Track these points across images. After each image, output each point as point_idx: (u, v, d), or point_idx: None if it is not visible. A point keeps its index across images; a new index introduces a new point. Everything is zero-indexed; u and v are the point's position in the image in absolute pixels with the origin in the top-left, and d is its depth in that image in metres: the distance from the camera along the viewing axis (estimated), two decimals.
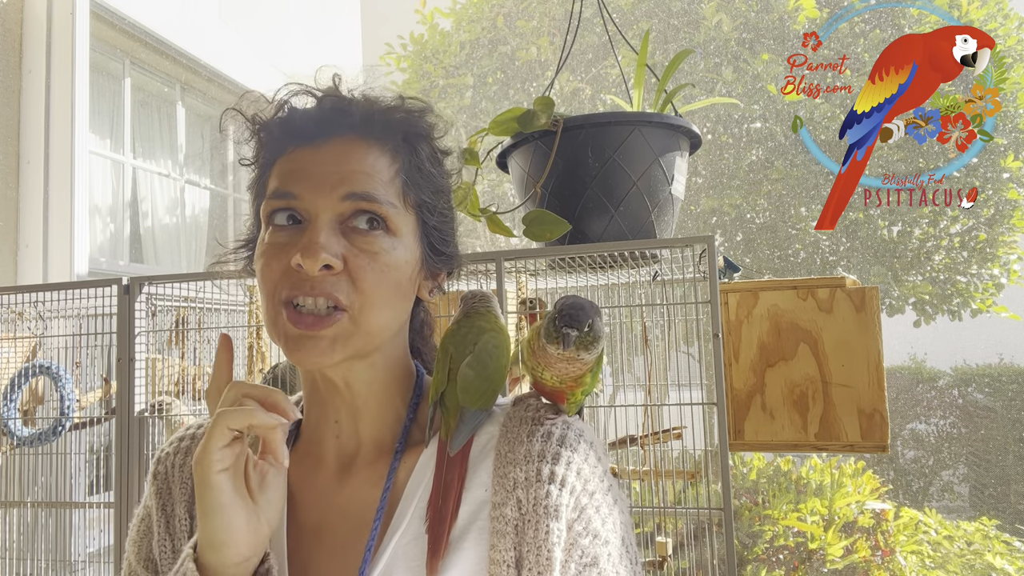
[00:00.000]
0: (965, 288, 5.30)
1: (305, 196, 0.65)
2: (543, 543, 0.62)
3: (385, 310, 0.67)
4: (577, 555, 0.63)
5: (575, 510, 0.64)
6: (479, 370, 0.70)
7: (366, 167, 0.66)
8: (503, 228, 1.52)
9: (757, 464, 4.32)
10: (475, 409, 0.69)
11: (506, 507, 0.64)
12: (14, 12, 3.21)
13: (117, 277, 1.86)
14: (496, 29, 6.14)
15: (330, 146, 0.67)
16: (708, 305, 1.48)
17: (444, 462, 0.67)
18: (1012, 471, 6.93)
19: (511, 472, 0.65)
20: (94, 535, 2.12)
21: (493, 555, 0.62)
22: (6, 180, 3.13)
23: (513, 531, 0.63)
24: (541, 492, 0.63)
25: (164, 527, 0.73)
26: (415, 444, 0.71)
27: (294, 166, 0.67)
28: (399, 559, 0.64)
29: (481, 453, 0.69)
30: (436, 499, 0.65)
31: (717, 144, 5.65)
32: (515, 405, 0.72)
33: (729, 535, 1.44)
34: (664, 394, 1.71)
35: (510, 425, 0.69)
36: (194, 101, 4.69)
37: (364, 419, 0.72)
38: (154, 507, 0.74)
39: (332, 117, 0.68)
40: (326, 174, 0.65)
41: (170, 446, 0.78)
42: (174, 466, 0.76)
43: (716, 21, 5.37)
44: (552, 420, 0.69)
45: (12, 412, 1.93)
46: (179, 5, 4.27)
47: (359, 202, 0.65)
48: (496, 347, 0.73)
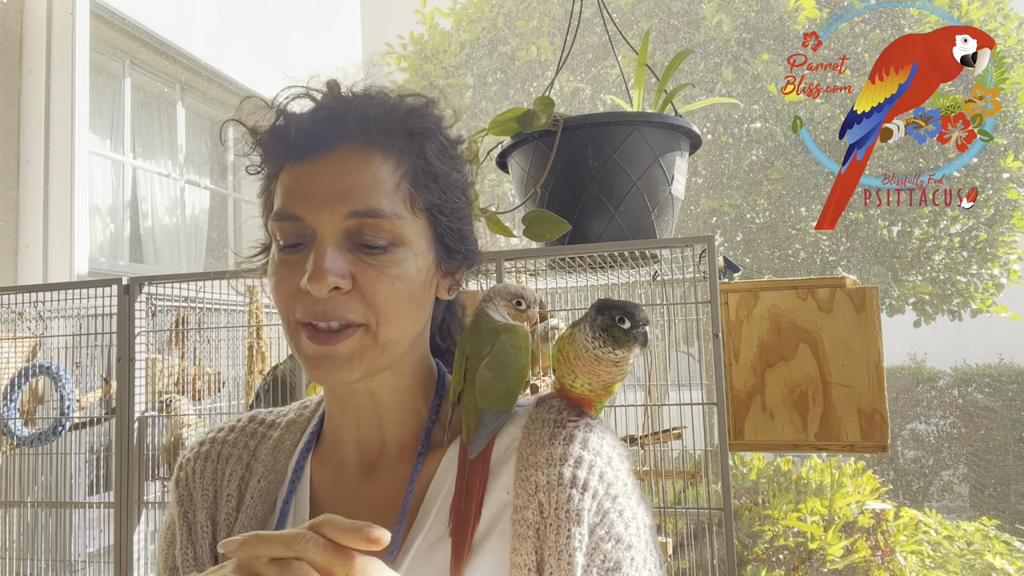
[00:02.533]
0: (965, 288, 5.30)
1: (308, 217, 0.63)
2: (564, 548, 0.61)
3: (400, 322, 0.65)
4: (599, 560, 0.63)
5: (597, 514, 0.64)
6: (497, 371, 0.69)
7: (366, 179, 0.64)
8: (503, 228, 1.52)
9: (757, 464, 4.32)
10: (494, 411, 0.68)
11: (528, 511, 0.63)
12: (14, 12, 3.21)
13: (117, 277, 1.85)
14: (496, 29, 6.14)
15: (329, 160, 0.64)
16: (708, 305, 1.48)
17: (466, 464, 0.66)
18: (1012, 471, 6.93)
19: (533, 475, 0.64)
20: (94, 535, 2.12)
21: (514, 559, 0.62)
22: (6, 180, 3.13)
23: (534, 535, 0.62)
24: (563, 496, 0.63)
25: (186, 534, 0.72)
26: (437, 446, 0.70)
27: (295, 184, 0.65)
28: (422, 562, 0.63)
29: (503, 455, 0.68)
30: (459, 502, 0.64)
31: (717, 144, 5.65)
32: (537, 406, 0.71)
33: (729, 535, 1.44)
34: (664, 394, 1.71)
35: (532, 427, 0.68)
36: (194, 101, 4.68)
37: (387, 423, 0.71)
38: (176, 515, 0.74)
39: (328, 128, 0.65)
40: (327, 192, 0.63)
41: (191, 452, 0.77)
42: (195, 472, 0.75)
43: (716, 21, 5.37)
44: (575, 423, 0.68)
45: (12, 412, 1.93)
46: (179, 5, 4.27)
47: (363, 219, 0.63)
48: (514, 347, 0.71)
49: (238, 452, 0.76)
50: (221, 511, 0.72)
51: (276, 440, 0.76)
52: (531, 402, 0.73)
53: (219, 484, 0.74)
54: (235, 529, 0.70)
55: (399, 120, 0.67)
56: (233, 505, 0.72)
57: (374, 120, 0.65)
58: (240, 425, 0.79)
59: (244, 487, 0.73)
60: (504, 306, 0.74)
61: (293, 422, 0.78)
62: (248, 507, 0.71)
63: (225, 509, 0.72)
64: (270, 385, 1.80)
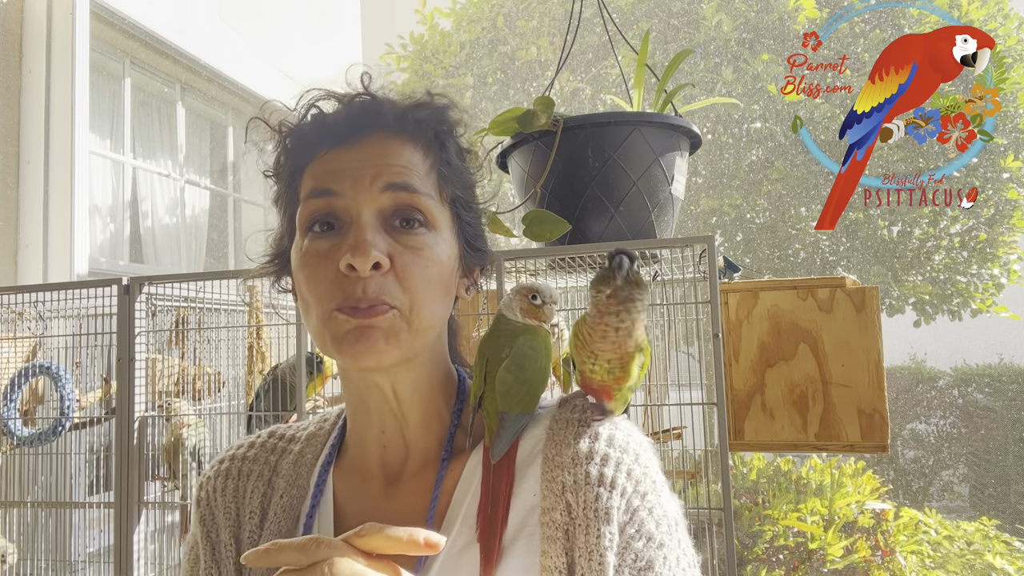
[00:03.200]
0: (965, 288, 5.30)
1: (346, 192, 0.64)
2: (595, 548, 0.60)
3: (432, 306, 0.66)
4: (631, 559, 0.61)
5: (626, 512, 0.62)
6: (517, 373, 0.69)
7: (403, 160, 0.66)
8: (503, 228, 1.52)
9: (757, 464, 4.32)
10: (516, 414, 0.67)
11: (555, 512, 0.62)
12: (14, 12, 3.21)
13: (117, 277, 1.86)
14: (496, 29, 6.14)
15: (366, 144, 0.66)
16: (708, 305, 1.48)
17: (491, 469, 0.66)
18: (1012, 471, 6.93)
19: (559, 476, 0.63)
20: (94, 535, 2.13)
21: (544, 561, 0.61)
22: (6, 180, 3.13)
23: (563, 536, 0.61)
24: (591, 495, 0.62)
25: (210, 555, 0.71)
26: (461, 451, 0.70)
27: (330, 166, 0.66)
28: (450, 569, 0.63)
29: (528, 457, 0.67)
30: (485, 507, 0.64)
31: (717, 144, 5.65)
32: (560, 407, 0.71)
33: (729, 535, 1.44)
34: (664, 394, 1.71)
35: (556, 428, 0.68)
36: (194, 101, 4.69)
37: (410, 426, 0.70)
38: (199, 534, 0.73)
39: (365, 117, 0.67)
40: (364, 168, 0.65)
41: (212, 470, 0.77)
42: (216, 490, 0.74)
43: (716, 21, 5.37)
44: (599, 420, 0.68)
45: (12, 412, 1.93)
46: (179, 5, 4.27)
47: (399, 192, 0.64)
48: (533, 348, 0.71)
49: (259, 468, 0.75)
50: (244, 529, 0.71)
51: (297, 454, 0.75)
52: (554, 403, 0.73)
53: (241, 501, 0.73)
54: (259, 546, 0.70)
55: (427, 116, 0.69)
56: (256, 522, 0.71)
57: (408, 111, 0.68)
58: (260, 441, 0.78)
59: (267, 503, 0.72)
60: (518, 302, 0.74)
61: (313, 435, 0.77)
62: (271, 523, 0.70)
63: (248, 527, 0.71)
64: (270, 385, 1.80)
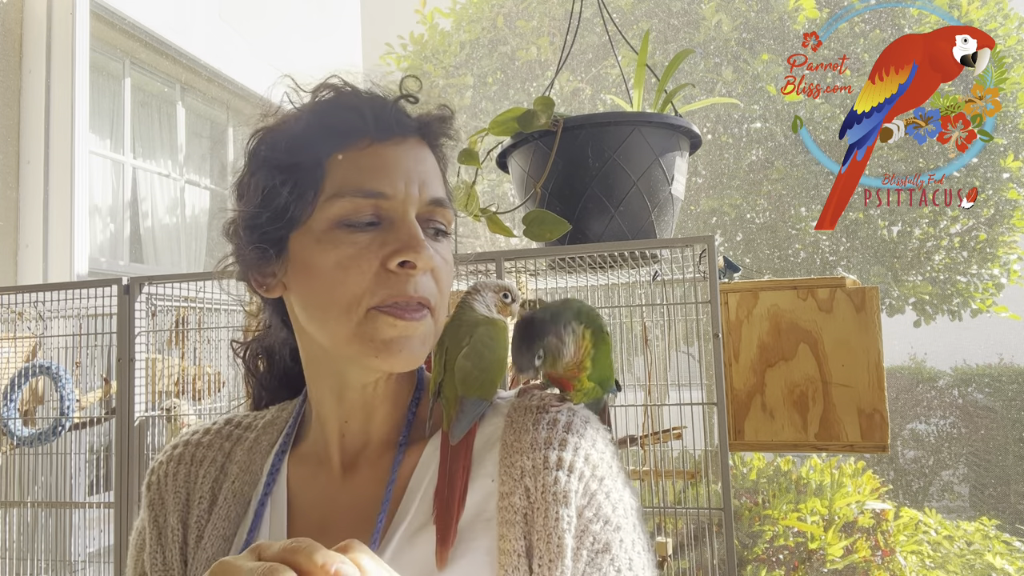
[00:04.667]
0: (965, 288, 5.30)
1: (398, 196, 0.64)
2: (553, 530, 0.61)
3: (447, 310, 0.69)
4: (588, 541, 0.62)
5: (584, 496, 0.64)
6: (476, 361, 0.70)
7: (435, 171, 0.68)
8: (503, 228, 1.52)
9: (757, 464, 4.32)
10: (474, 398, 0.68)
11: (514, 496, 0.63)
12: (14, 12, 3.21)
13: (117, 277, 1.85)
14: (496, 29, 6.14)
15: (406, 145, 0.66)
16: (708, 305, 1.48)
17: (448, 453, 0.66)
18: (1012, 471, 6.93)
19: (518, 461, 0.64)
20: (94, 535, 2.12)
21: (503, 545, 0.61)
22: (6, 180, 3.13)
23: (522, 520, 0.62)
24: (549, 479, 0.63)
25: (155, 539, 0.71)
26: (419, 439, 0.70)
27: (378, 161, 0.64)
28: (405, 550, 0.63)
29: (486, 444, 0.68)
30: (442, 490, 0.64)
31: (717, 144, 5.65)
32: (520, 396, 0.72)
33: (729, 535, 1.44)
34: (664, 394, 1.71)
35: (515, 415, 0.69)
36: (194, 101, 4.68)
37: (376, 418, 0.71)
38: (146, 519, 0.73)
39: (401, 117, 0.67)
40: (412, 173, 0.65)
41: (164, 455, 0.76)
42: (167, 475, 0.74)
43: (716, 21, 5.37)
44: (557, 408, 0.69)
45: (12, 412, 1.93)
46: (179, 5, 4.27)
47: (437, 208, 0.66)
48: (492, 338, 0.72)
49: (212, 454, 0.75)
50: (193, 513, 0.71)
51: (252, 441, 0.75)
52: (514, 393, 0.74)
53: (192, 486, 0.73)
54: (207, 531, 0.69)
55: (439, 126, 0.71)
56: (205, 507, 0.71)
57: (431, 121, 0.70)
58: (215, 428, 0.78)
59: (217, 489, 0.72)
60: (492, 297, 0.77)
61: (270, 423, 0.77)
62: (221, 508, 0.70)
63: (197, 511, 0.71)
64: None
